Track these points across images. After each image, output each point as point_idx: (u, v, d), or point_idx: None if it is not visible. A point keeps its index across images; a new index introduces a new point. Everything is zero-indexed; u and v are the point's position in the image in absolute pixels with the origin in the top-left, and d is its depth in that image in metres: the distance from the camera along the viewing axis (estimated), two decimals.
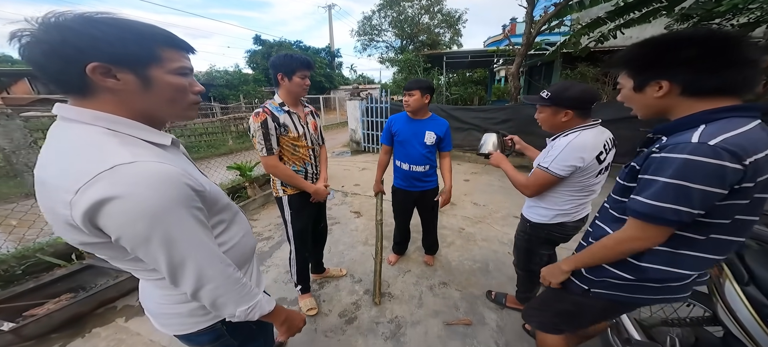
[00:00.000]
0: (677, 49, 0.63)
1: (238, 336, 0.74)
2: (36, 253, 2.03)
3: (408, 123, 1.72)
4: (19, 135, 1.98)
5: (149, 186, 0.46)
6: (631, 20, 4.05)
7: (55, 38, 0.43)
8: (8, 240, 2.27)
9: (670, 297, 0.82)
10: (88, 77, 0.46)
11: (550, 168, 1.10)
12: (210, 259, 0.56)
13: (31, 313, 1.62)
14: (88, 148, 0.46)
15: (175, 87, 0.54)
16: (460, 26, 19.14)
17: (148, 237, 0.47)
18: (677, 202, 0.62)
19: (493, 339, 1.55)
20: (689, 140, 0.60)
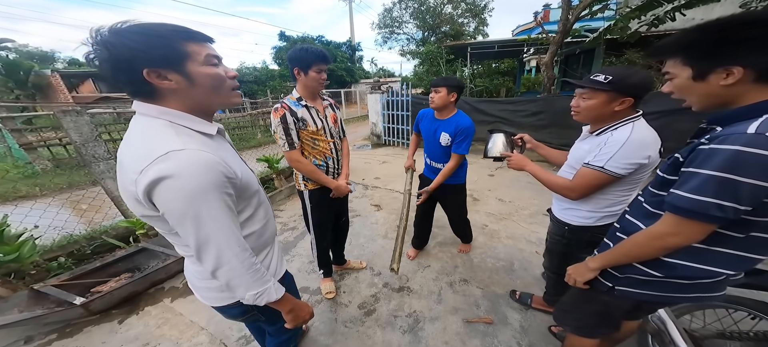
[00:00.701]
0: (757, 29, 0.55)
1: (265, 312, 0.81)
2: (102, 235, 2.34)
3: (431, 120, 1.76)
4: (87, 129, 2.24)
5: (191, 171, 0.55)
6: (693, 0, 3.54)
7: (105, 54, 0.53)
8: (80, 223, 2.63)
9: (700, 295, 0.75)
10: (149, 81, 0.56)
11: (606, 167, 0.95)
12: (230, 242, 0.62)
13: (98, 290, 1.87)
14: (151, 136, 0.57)
15: (212, 76, 0.61)
16: (486, 15, 18.18)
17: (185, 214, 0.56)
18: (722, 197, 0.57)
19: (516, 340, 1.51)
20: (745, 131, 0.55)
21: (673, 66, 0.68)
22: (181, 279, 2.12)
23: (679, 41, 0.65)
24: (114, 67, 0.54)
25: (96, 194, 2.63)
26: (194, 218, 0.57)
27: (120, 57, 0.53)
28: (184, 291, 2.01)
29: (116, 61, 0.53)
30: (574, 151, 1.17)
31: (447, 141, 1.67)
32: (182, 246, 0.69)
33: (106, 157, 2.34)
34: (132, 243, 2.35)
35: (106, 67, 0.54)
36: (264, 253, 0.82)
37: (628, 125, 0.96)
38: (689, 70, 0.64)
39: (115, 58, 0.53)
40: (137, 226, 2.35)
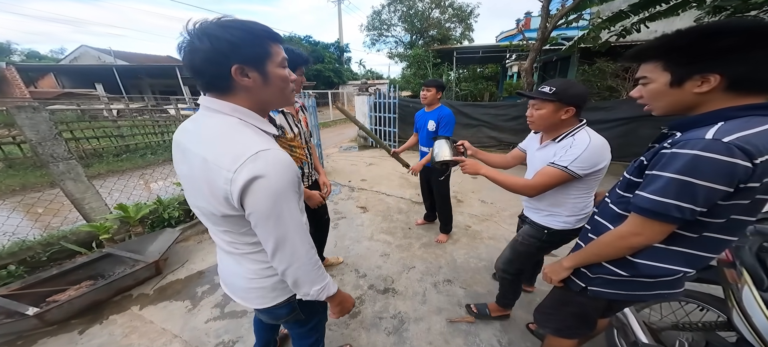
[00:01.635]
0: (736, 38, 0.56)
1: (306, 310, 0.86)
2: (60, 241, 2.14)
3: (423, 115, 2.27)
4: (45, 127, 2.06)
5: (277, 170, 0.57)
6: (657, 13, 3.85)
7: (206, 46, 0.54)
8: (34, 227, 2.41)
9: (664, 292, 0.81)
10: (231, 77, 0.57)
11: (569, 167, 1.03)
12: (303, 240, 0.66)
13: (54, 299, 1.70)
14: (235, 136, 0.58)
15: (282, 77, 0.64)
16: (472, 21, 18.68)
17: (270, 212, 0.58)
18: (681, 199, 0.60)
19: (496, 338, 1.54)
20: (703, 136, 0.58)
21: (651, 70, 0.68)
22: (152, 286, 1.99)
23: (663, 46, 0.65)
24: (208, 59, 0.55)
25: (54, 196, 2.42)
26: (277, 217, 0.59)
27: (219, 50, 0.54)
28: (155, 298, 1.88)
29: (213, 53, 0.54)
30: (535, 160, 1.24)
31: (433, 126, 2.13)
32: (249, 244, 0.68)
33: (66, 156, 2.15)
34: (95, 249, 2.17)
35: (198, 57, 0.55)
36: None
37: (584, 131, 1.07)
38: (668, 75, 0.65)
39: (213, 50, 0.54)
40: (101, 230, 2.17)
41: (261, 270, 0.73)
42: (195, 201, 0.65)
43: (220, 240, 0.72)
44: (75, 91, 12.78)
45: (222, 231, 0.68)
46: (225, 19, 0.57)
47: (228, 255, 0.75)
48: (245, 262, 0.73)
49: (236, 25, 0.56)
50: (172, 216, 2.62)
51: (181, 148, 0.65)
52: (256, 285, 0.75)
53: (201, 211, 0.66)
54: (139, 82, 17.54)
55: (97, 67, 15.91)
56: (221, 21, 0.56)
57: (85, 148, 5.44)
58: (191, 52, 0.55)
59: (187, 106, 11.89)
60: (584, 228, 0.96)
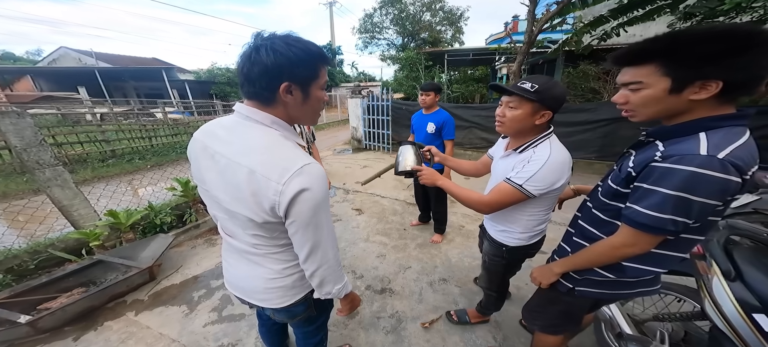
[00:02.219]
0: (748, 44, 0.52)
1: (318, 306, 0.89)
2: (47, 248, 2.09)
3: (420, 117, 2.32)
4: (30, 133, 2.01)
5: (319, 183, 0.61)
6: (635, 18, 4.05)
7: (270, 59, 0.57)
8: (20, 235, 2.33)
9: (644, 290, 0.86)
10: (277, 92, 0.61)
11: (524, 186, 0.92)
12: (333, 244, 0.71)
13: (46, 306, 1.67)
14: (279, 149, 0.62)
15: (319, 99, 0.68)
16: (462, 24, 19.03)
17: (310, 221, 0.63)
18: (677, 213, 0.61)
19: (492, 334, 1.59)
20: (696, 152, 0.57)
21: (648, 75, 0.61)
22: (146, 292, 1.96)
23: (666, 47, 0.59)
24: (265, 71, 0.58)
25: (39, 204, 2.35)
26: (316, 224, 0.64)
27: (278, 64, 0.57)
28: (151, 304, 1.86)
29: (272, 66, 0.57)
30: (496, 169, 1.16)
31: (432, 129, 2.19)
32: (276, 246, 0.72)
33: (52, 163, 2.10)
34: (85, 256, 2.12)
35: (257, 69, 0.58)
36: None
37: (546, 143, 0.95)
38: (667, 81, 0.59)
39: (272, 64, 0.57)
40: (91, 237, 2.13)
41: (283, 269, 0.76)
42: (231, 206, 0.66)
43: (244, 242, 0.73)
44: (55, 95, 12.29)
45: (252, 235, 0.70)
46: (290, 35, 0.61)
47: (244, 258, 0.77)
48: (267, 263, 0.75)
49: (298, 45, 0.59)
50: (165, 221, 2.58)
51: (210, 153, 0.66)
52: (277, 284, 0.77)
53: (234, 215, 0.68)
54: (123, 85, 17.03)
55: (79, 69, 15.36)
56: (287, 38, 0.60)
57: (68, 153, 5.26)
58: (252, 63, 0.58)
59: (175, 110, 11.64)
60: (567, 232, 0.96)
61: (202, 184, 0.72)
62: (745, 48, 0.53)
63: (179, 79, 16.49)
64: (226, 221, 0.72)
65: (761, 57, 0.53)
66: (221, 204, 0.68)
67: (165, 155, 6.18)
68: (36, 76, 14.90)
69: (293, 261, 0.75)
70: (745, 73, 0.55)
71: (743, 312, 0.83)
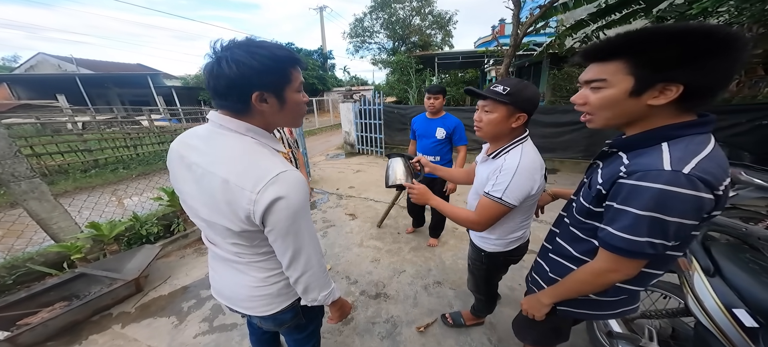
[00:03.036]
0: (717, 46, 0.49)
1: (307, 315, 0.88)
2: (26, 263, 2.00)
3: (425, 121, 2.18)
4: (4, 144, 1.92)
5: (295, 190, 0.60)
6: (613, 22, 4.22)
7: (232, 72, 0.55)
8: None
9: (624, 309, 0.83)
10: (250, 102, 0.59)
11: (503, 198, 0.91)
12: (316, 250, 0.70)
13: (26, 322, 1.60)
14: (254, 157, 0.61)
15: (297, 102, 0.67)
16: (451, 27, 19.37)
17: (289, 229, 0.62)
18: (653, 235, 0.57)
19: (487, 337, 1.59)
20: (660, 167, 0.54)
21: (613, 73, 0.58)
22: (133, 304, 1.90)
23: (633, 41, 0.55)
24: (231, 84, 0.56)
25: (16, 217, 2.25)
26: (296, 232, 0.63)
27: (243, 76, 0.55)
28: (138, 316, 1.80)
29: (238, 78, 0.55)
30: (477, 174, 1.14)
31: (442, 134, 2.07)
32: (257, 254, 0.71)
33: (28, 175, 2.02)
34: (66, 270, 2.04)
35: (223, 83, 0.56)
36: None
37: (517, 149, 0.94)
38: (631, 81, 0.56)
39: (238, 76, 0.55)
40: (72, 250, 2.05)
41: (267, 277, 0.75)
42: (209, 216, 0.65)
43: (226, 251, 0.73)
44: (33, 103, 11.81)
45: (232, 243, 0.69)
46: (252, 42, 0.58)
47: (229, 267, 0.76)
48: (251, 271, 0.74)
49: (262, 52, 0.56)
50: (151, 232, 2.50)
51: (186, 163, 0.65)
52: (261, 292, 0.76)
53: (212, 225, 0.67)
54: (106, 92, 16.49)
55: (58, 76, 14.81)
56: (249, 45, 0.57)
57: (48, 164, 5.05)
58: (216, 77, 0.56)
59: (161, 117, 11.36)
60: (544, 247, 0.94)
61: (181, 195, 0.71)
62: (719, 51, 0.49)
63: (166, 86, 16.13)
64: (207, 230, 0.72)
65: (731, 62, 0.50)
66: (199, 215, 0.68)
67: (151, 164, 6.01)
68: (13, 83, 14.27)
69: (278, 269, 0.74)
70: (710, 77, 0.52)
71: (724, 308, 0.84)
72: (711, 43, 0.49)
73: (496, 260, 1.22)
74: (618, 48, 0.57)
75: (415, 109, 5.87)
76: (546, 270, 0.91)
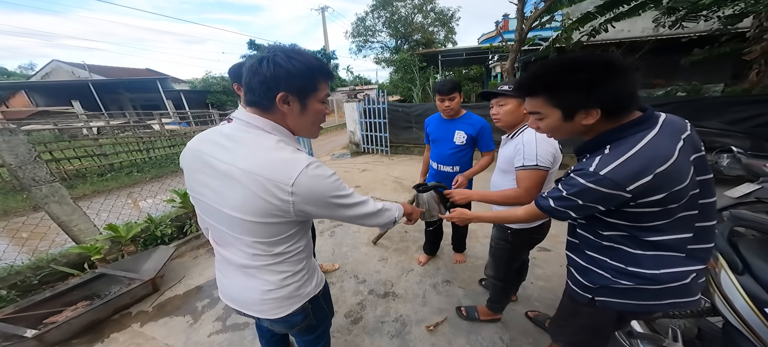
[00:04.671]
0: (606, 75, 0.62)
1: (317, 315, 0.89)
2: (49, 264, 2.09)
3: (441, 123, 1.78)
4: (24, 150, 2.01)
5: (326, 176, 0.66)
6: (621, 14, 4.11)
7: (269, 71, 0.61)
8: (22, 252, 2.33)
9: (677, 300, 0.76)
10: (274, 101, 0.64)
11: (538, 164, 1.03)
12: (361, 208, 0.77)
13: (52, 320, 1.68)
14: (282, 153, 0.64)
15: (319, 112, 0.71)
16: (454, 24, 19.20)
17: (332, 205, 0.69)
18: (563, 205, 0.75)
19: (498, 335, 1.57)
20: (588, 169, 0.68)
21: (541, 106, 0.71)
22: (150, 303, 1.96)
23: (545, 81, 0.69)
24: (264, 81, 0.62)
25: (39, 220, 2.35)
26: (338, 206, 0.71)
27: (276, 76, 0.61)
28: (155, 315, 1.86)
29: (271, 77, 0.61)
30: (501, 154, 1.25)
31: (463, 139, 1.69)
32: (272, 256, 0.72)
33: (48, 179, 2.10)
34: (87, 270, 2.13)
35: (258, 79, 0.62)
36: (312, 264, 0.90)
37: (529, 129, 1.06)
38: (558, 112, 0.69)
39: (271, 75, 0.61)
40: (92, 251, 2.13)
41: (280, 280, 0.76)
42: (232, 212, 0.66)
43: (240, 254, 0.73)
44: (50, 109, 12.25)
45: (251, 243, 0.69)
46: (294, 49, 0.64)
47: (239, 271, 0.76)
48: (263, 274, 0.75)
49: (299, 58, 0.62)
50: (165, 233, 2.58)
51: (208, 161, 0.66)
52: (273, 296, 0.77)
53: (234, 223, 0.67)
54: (118, 97, 16.98)
55: (72, 82, 15.31)
56: (290, 51, 0.63)
57: (67, 168, 5.24)
58: (255, 73, 0.62)
59: (172, 120, 11.62)
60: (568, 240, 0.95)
61: (197, 194, 0.71)
62: (602, 80, 0.62)
63: (174, 90, 16.49)
64: (223, 231, 0.71)
65: (620, 84, 0.62)
66: (221, 211, 0.67)
67: (164, 166, 6.17)
68: (30, 90, 14.83)
69: (290, 271, 0.76)
70: (614, 97, 0.64)
71: (755, 307, 0.79)
72: (603, 73, 0.62)
73: (522, 237, 1.26)
74: (534, 86, 0.71)
75: (418, 106, 5.86)
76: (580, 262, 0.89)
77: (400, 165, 5.39)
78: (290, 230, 0.71)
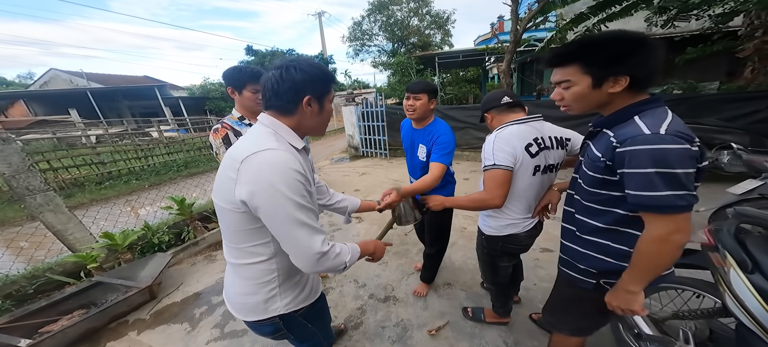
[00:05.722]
0: (638, 47, 0.67)
1: (295, 332, 0.88)
2: (45, 273, 2.06)
3: (409, 132, 1.58)
4: (18, 159, 1.99)
5: (274, 164, 0.65)
6: (613, 14, 4.15)
7: (296, 77, 0.69)
8: (17, 261, 2.30)
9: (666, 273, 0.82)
10: (300, 104, 0.71)
11: (496, 163, 1.03)
12: (308, 234, 0.70)
13: (47, 330, 1.65)
14: (258, 138, 0.70)
15: (329, 111, 0.81)
16: (450, 27, 19.34)
17: (265, 201, 0.64)
18: (673, 188, 0.63)
19: (502, 338, 1.55)
20: (641, 132, 0.67)
21: (573, 74, 0.74)
22: (148, 311, 1.94)
23: (579, 50, 0.72)
24: (290, 86, 0.69)
25: (34, 229, 2.33)
26: (276, 211, 0.67)
27: (298, 80, 0.69)
28: (153, 323, 1.84)
29: (295, 82, 0.69)
30: None
31: (424, 155, 1.45)
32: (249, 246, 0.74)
33: (43, 188, 2.09)
34: (83, 279, 2.10)
35: (283, 85, 0.69)
36: None
37: (497, 130, 1.12)
38: (589, 78, 0.72)
39: (294, 80, 0.69)
40: (88, 260, 2.10)
41: (249, 285, 0.77)
42: (218, 200, 0.72)
43: (227, 244, 0.78)
44: (49, 119, 12.23)
45: (226, 235, 0.76)
46: (309, 60, 0.73)
47: (229, 266, 0.82)
48: (239, 271, 0.78)
49: (318, 66, 0.73)
50: (162, 240, 2.56)
51: None
52: (245, 300, 0.79)
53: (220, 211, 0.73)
54: (116, 105, 16.96)
55: (70, 90, 15.30)
56: (309, 61, 0.73)
57: (64, 177, 5.21)
58: (281, 80, 0.69)
59: (170, 128, 11.60)
60: (564, 228, 0.95)
61: None
62: (634, 50, 0.67)
63: (173, 96, 16.47)
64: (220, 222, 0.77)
65: (649, 56, 0.67)
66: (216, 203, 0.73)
67: (162, 174, 6.15)
68: (29, 100, 14.81)
69: (255, 280, 0.76)
70: (643, 68, 0.68)
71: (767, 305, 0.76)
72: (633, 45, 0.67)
73: (495, 244, 1.26)
74: (571, 55, 0.75)
75: None
76: (577, 249, 0.90)
77: (399, 167, 5.38)
78: (249, 225, 0.70)
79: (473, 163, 5.14)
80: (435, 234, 1.75)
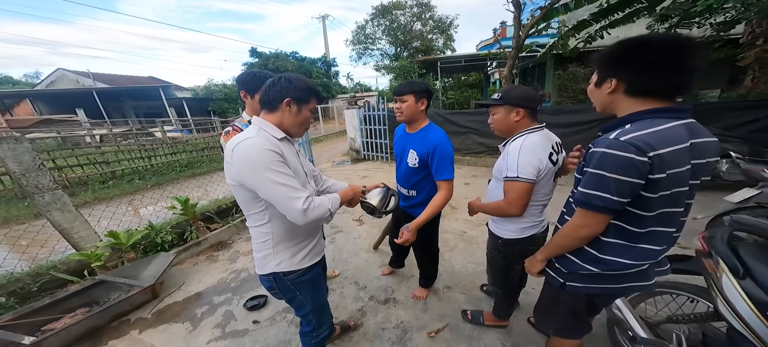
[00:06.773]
0: (627, 50, 0.70)
1: (284, 291, 1.07)
2: (49, 271, 2.09)
3: (401, 137, 1.53)
4: (28, 158, 2.03)
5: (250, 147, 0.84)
6: (616, 21, 4.18)
7: (283, 83, 0.91)
8: (21, 259, 2.33)
9: (636, 285, 0.86)
10: (281, 103, 0.91)
11: (520, 176, 1.04)
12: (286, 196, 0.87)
13: (50, 327, 1.67)
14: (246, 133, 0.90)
15: (307, 116, 0.98)
16: (452, 32, 19.49)
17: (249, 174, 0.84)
18: (599, 189, 0.71)
19: (501, 341, 1.56)
20: (609, 137, 0.70)
21: (596, 73, 0.82)
22: (150, 310, 1.95)
23: (599, 53, 0.79)
24: (278, 89, 0.90)
25: (40, 228, 2.36)
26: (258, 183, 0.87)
27: (284, 86, 0.90)
28: (154, 322, 1.86)
29: (282, 87, 0.90)
30: (496, 163, 1.25)
31: (414, 161, 1.39)
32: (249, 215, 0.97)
33: (51, 187, 2.12)
34: (87, 277, 2.12)
35: (273, 87, 0.91)
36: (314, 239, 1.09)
37: (519, 139, 1.08)
38: (595, 77, 0.80)
39: (281, 86, 0.90)
40: (92, 258, 2.13)
41: (257, 243, 1.00)
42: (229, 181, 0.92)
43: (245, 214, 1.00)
44: (54, 118, 12.36)
45: (241, 203, 0.95)
46: (300, 75, 0.94)
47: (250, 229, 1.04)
48: (252, 233, 1.01)
49: (302, 79, 0.94)
50: (165, 240, 2.59)
51: None
52: (254, 256, 1.03)
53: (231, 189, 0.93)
54: (121, 105, 17.12)
55: (76, 90, 15.46)
56: (297, 76, 0.94)
57: (69, 176, 5.26)
58: (272, 83, 0.92)
59: (174, 128, 11.70)
60: (556, 226, 1.00)
61: None
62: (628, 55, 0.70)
63: (177, 97, 16.63)
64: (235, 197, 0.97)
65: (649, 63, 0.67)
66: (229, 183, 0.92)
67: (165, 174, 6.19)
68: (35, 99, 14.98)
69: (258, 239, 0.98)
70: (634, 74, 0.70)
71: (758, 311, 0.79)
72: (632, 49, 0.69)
73: (513, 247, 1.25)
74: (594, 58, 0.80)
75: None
76: None
77: None
78: (247, 196, 0.90)
79: (474, 168, 5.15)
80: (425, 246, 1.76)
